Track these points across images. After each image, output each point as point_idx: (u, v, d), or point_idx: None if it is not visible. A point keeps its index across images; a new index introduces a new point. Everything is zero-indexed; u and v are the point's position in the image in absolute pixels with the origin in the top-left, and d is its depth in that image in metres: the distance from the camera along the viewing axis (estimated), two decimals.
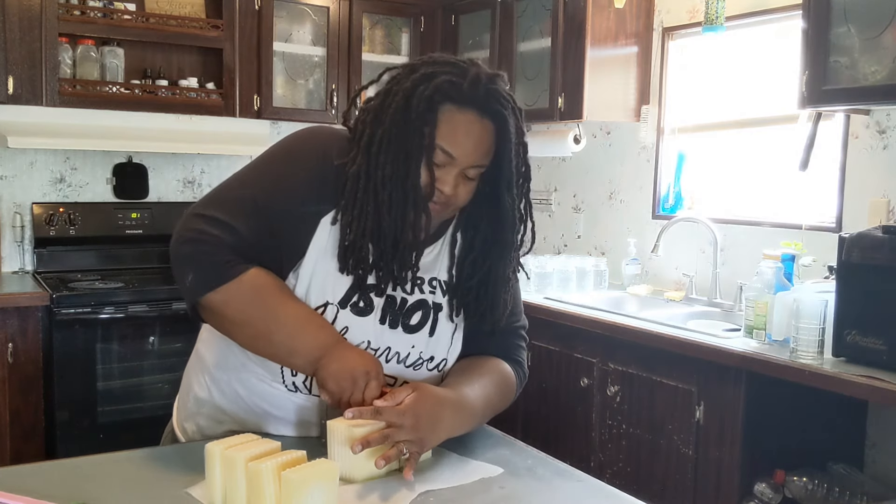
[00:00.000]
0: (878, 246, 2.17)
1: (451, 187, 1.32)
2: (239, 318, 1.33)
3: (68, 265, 3.64)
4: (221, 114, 3.74)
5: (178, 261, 1.36)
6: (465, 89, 1.29)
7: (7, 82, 3.23)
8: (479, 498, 1.24)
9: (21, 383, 3.11)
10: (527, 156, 1.40)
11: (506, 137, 1.33)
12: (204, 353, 1.52)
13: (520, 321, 1.57)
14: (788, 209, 3.04)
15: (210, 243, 1.32)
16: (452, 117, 1.30)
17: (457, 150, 1.30)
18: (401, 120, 1.29)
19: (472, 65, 1.33)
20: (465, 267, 1.43)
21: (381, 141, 1.31)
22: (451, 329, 1.46)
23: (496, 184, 1.37)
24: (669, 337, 2.61)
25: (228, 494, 1.15)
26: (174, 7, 3.71)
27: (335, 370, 1.28)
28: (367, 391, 1.29)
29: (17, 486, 1.17)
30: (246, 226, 1.33)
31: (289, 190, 1.35)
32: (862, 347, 2.19)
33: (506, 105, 1.32)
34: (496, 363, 1.49)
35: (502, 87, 1.33)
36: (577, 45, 3.41)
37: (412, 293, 1.41)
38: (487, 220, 1.41)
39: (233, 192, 1.39)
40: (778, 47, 3.07)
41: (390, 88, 1.33)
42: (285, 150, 1.42)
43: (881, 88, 2.34)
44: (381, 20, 4.17)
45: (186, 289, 1.34)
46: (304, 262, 1.36)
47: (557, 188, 4.11)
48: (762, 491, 2.38)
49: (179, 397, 1.58)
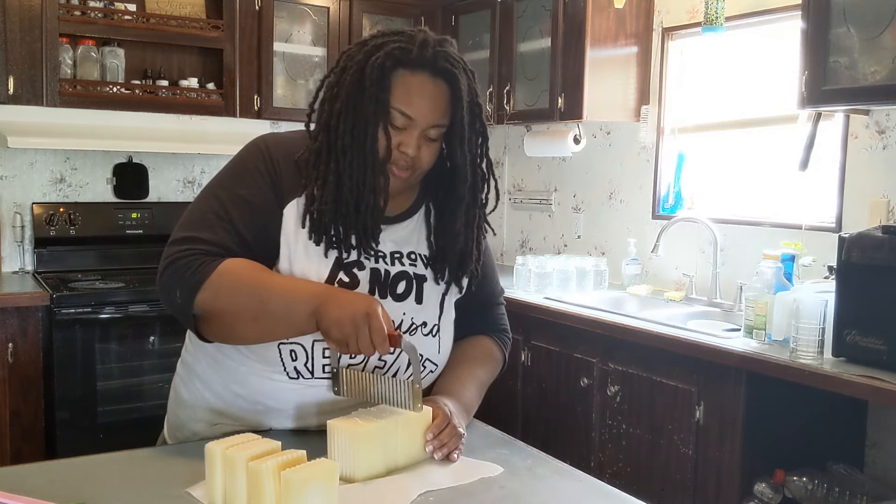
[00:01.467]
0: (878, 246, 2.17)
1: (414, 148, 1.37)
2: (231, 306, 1.34)
3: (68, 265, 3.65)
4: (222, 114, 3.75)
5: (163, 288, 1.39)
6: (415, 53, 1.35)
7: (7, 82, 3.23)
8: (479, 498, 1.25)
9: (21, 383, 3.11)
10: (482, 115, 1.45)
11: (458, 96, 1.38)
12: (192, 362, 1.54)
13: (496, 288, 1.69)
14: (788, 209, 3.04)
15: (184, 257, 1.35)
16: (406, 80, 1.36)
17: (414, 111, 1.36)
18: (356, 90, 1.36)
19: (419, 31, 1.39)
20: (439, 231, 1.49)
21: (339, 113, 1.37)
22: (437, 297, 1.50)
23: (450, 140, 1.42)
24: (669, 337, 2.61)
25: (228, 494, 1.16)
26: (174, 7, 3.72)
27: (335, 317, 1.28)
28: (372, 333, 1.28)
29: (17, 486, 1.17)
30: (212, 233, 1.37)
31: (245, 202, 1.40)
32: (862, 347, 2.19)
33: (456, 65, 1.38)
34: (483, 344, 1.62)
35: (451, 49, 1.40)
36: (577, 45, 3.41)
37: (393, 265, 1.46)
38: (448, 182, 1.46)
39: (195, 215, 1.42)
40: (778, 47, 3.07)
41: (345, 65, 1.40)
42: (233, 166, 1.46)
43: (881, 88, 2.34)
44: (381, 20, 4.17)
45: (178, 306, 1.36)
46: (280, 256, 1.40)
47: (557, 188, 4.11)
48: (762, 491, 2.38)
49: (169, 409, 1.60)
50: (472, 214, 1.47)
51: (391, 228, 1.46)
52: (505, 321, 1.70)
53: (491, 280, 1.65)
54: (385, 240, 1.45)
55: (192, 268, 1.34)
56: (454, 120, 1.39)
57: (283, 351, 1.40)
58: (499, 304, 1.70)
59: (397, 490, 1.24)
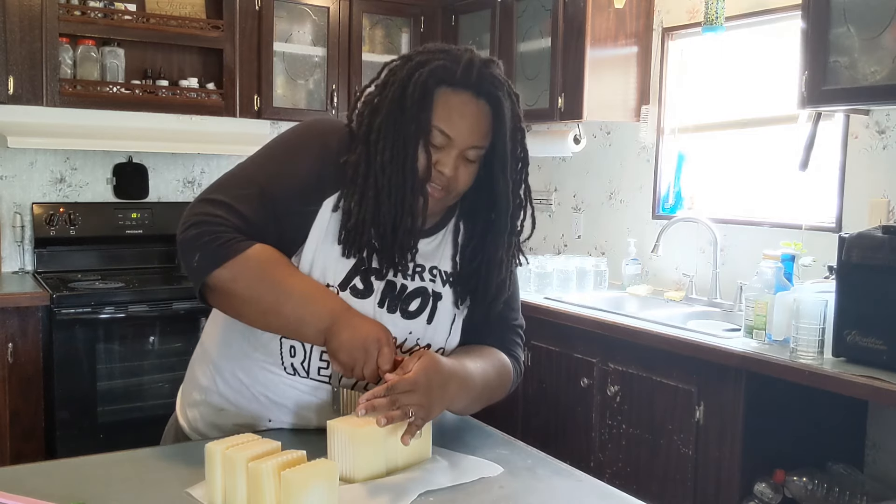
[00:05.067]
0: (877, 246, 2.17)
1: (451, 169, 1.35)
2: (247, 293, 1.34)
3: (68, 265, 3.64)
4: (222, 114, 3.74)
5: (184, 244, 1.36)
6: (460, 72, 1.32)
7: (7, 82, 3.23)
8: (479, 498, 1.24)
9: (21, 383, 3.11)
10: (524, 140, 1.43)
11: (501, 120, 1.35)
12: (208, 345, 1.54)
13: (518, 319, 1.58)
14: (788, 209, 3.04)
15: (214, 224, 1.34)
16: (448, 99, 1.33)
17: (454, 131, 1.33)
18: (397, 107, 1.33)
19: (465, 51, 1.36)
20: (467, 253, 1.46)
21: (380, 129, 1.34)
22: (450, 318, 1.47)
23: (491, 166, 1.39)
24: (669, 337, 2.61)
25: (228, 494, 1.15)
26: (174, 7, 3.71)
27: (346, 339, 1.28)
28: (379, 360, 1.28)
29: (17, 486, 1.17)
30: (250, 209, 1.35)
31: (291, 179, 1.38)
32: (862, 347, 2.19)
33: (500, 87, 1.35)
34: (496, 352, 1.51)
35: (497, 71, 1.36)
36: (577, 45, 3.41)
37: (412, 280, 1.43)
38: (486, 206, 1.43)
39: (236, 180, 1.41)
40: (778, 47, 3.07)
41: (387, 80, 1.37)
42: (287, 140, 1.44)
43: (881, 88, 2.34)
44: (381, 20, 4.17)
45: (193, 269, 1.35)
46: (305, 246, 1.38)
47: (557, 188, 4.11)
48: (762, 491, 2.38)
49: (183, 386, 1.60)
50: (508, 242, 1.45)
51: None
52: (519, 351, 1.58)
53: (512, 308, 1.56)
54: None
55: (219, 241, 1.32)
56: (495, 144, 1.37)
57: (283, 344, 1.40)
58: (516, 332, 1.58)
59: (397, 490, 1.23)
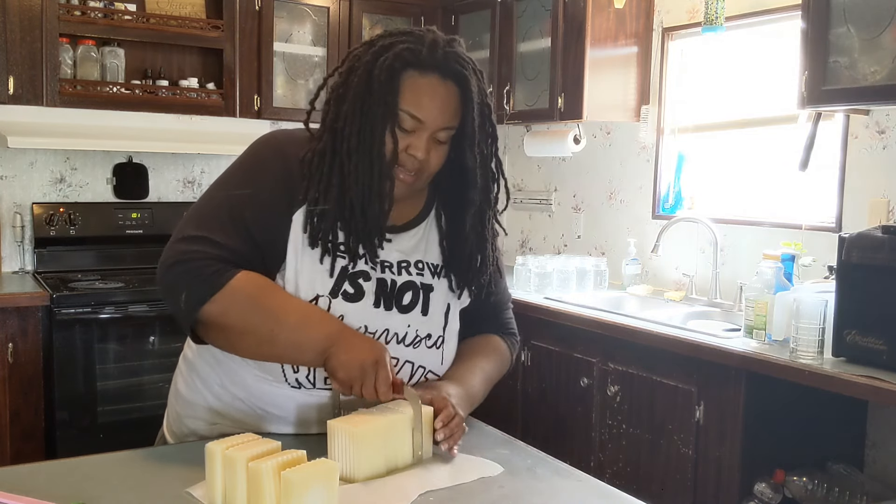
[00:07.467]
0: (877, 246, 2.17)
1: (424, 152, 1.35)
2: (241, 325, 1.32)
3: (68, 265, 3.64)
4: (222, 114, 3.75)
5: (167, 286, 1.35)
6: (425, 54, 1.32)
7: (7, 82, 3.23)
8: (479, 497, 1.25)
9: (21, 383, 3.11)
10: (492, 115, 1.42)
11: (468, 98, 1.36)
12: (193, 358, 1.52)
13: (505, 294, 1.66)
14: (788, 209, 3.04)
15: (195, 259, 1.32)
16: (415, 82, 1.33)
17: (424, 114, 1.33)
18: (364, 92, 1.32)
19: (428, 31, 1.36)
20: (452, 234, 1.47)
21: (346, 115, 1.33)
22: (443, 308, 1.47)
23: (461, 144, 1.39)
24: (669, 337, 2.61)
25: (228, 494, 1.15)
26: (174, 7, 3.71)
27: (344, 360, 1.29)
28: (377, 380, 1.29)
29: (17, 486, 1.17)
30: (225, 237, 1.34)
31: (257, 199, 1.37)
32: (862, 347, 2.19)
33: (466, 66, 1.35)
34: (491, 341, 1.59)
35: (460, 49, 1.36)
36: (577, 45, 3.41)
37: (400, 275, 1.43)
38: (459, 185, 1.43)
39: (205, 210, 1.39)
40: (778, 47, 3.07)
41: (352, 66, 1.36)
42: (244, 162, 1.43)
43: (881, 88, 2.34)
44: (381, 20, 4.17)
45: (182, 310, 1.33)
46: (286, 263, 1.37)
47: (557, 188, 4.11)
48: (762, 491, 2.38)
49: (169, 403, 1.59)
50: (484, 216, 1.45)
51: (398, 238, 1.43)
52: (513, 325, 1.67)
53: (500, 284, 1.61)
54: (392, 249, 1.42)
55: (203, 274, 1.31)
56: (464, 122, 1.37)
57: None
58: (507, 307, 1.66)
59: (397, 490, 1.24)
